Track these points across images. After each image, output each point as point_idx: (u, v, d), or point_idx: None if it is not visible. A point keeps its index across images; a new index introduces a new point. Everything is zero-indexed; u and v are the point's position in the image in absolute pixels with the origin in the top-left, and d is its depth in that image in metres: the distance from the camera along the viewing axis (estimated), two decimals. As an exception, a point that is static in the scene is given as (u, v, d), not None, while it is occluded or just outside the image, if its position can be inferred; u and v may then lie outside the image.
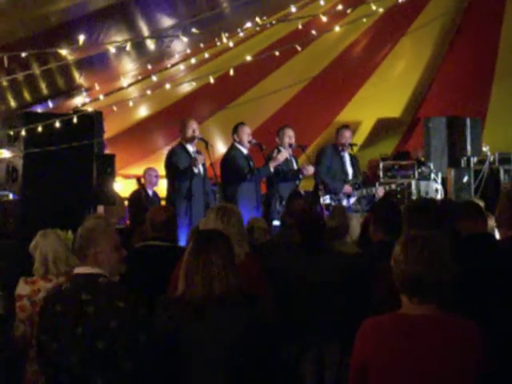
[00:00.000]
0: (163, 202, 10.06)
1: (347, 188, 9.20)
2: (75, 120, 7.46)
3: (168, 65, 9.81)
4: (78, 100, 9.70)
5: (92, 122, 7.90)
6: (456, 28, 11.91)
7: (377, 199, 9.12)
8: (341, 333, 4.98)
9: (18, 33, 7.76)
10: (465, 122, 10.16)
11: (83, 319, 3.51)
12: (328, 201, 8.86)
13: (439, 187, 9.79)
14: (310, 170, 9.09)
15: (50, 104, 9.10)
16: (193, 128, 8.73)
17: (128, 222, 10.45)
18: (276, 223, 8.39)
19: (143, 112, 11.48)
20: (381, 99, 12.40)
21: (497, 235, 4.85)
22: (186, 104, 11.15)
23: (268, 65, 10.27)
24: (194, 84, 9.96)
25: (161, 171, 10.03)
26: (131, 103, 9.06)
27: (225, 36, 7.83)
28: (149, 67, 9.39)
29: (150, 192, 10.69)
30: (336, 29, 8.44)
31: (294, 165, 9.29)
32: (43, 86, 8.89)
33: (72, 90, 9.33)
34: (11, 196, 7.74)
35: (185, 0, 8.50)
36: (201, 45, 8.90)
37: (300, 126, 10.20)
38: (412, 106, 12.90)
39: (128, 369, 3.46)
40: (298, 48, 8.58)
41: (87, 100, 9.73)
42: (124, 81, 9.55)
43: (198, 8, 8.26)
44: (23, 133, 7.35)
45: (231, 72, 7.82)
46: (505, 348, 3.44)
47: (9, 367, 3.15)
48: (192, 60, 8.87)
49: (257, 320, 3.48)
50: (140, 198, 10.47)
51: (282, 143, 9.17)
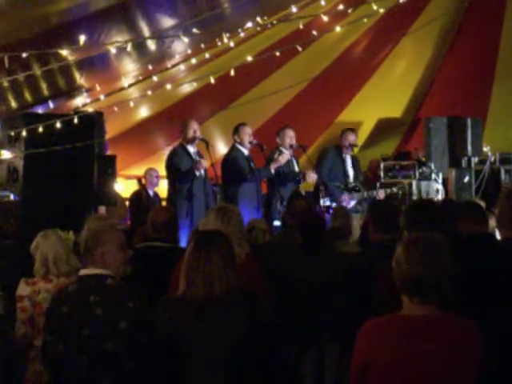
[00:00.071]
0: (164, 203, 10.06)
1: (345, 197, 9.16)
2: (76, 121, 7.46)
3: (169, 65, 9.81)
4: (79, 100, 9.70)
5: (93, 123, 7.89)
6: (456, 28, 11.90)
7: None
8: (341, 333, 4.99)
9: (19, 33, 7.76)
10: (465, 122, 10.17)
11: (91, 320, 3.52)
12: (328, 203, 8.85)
13: (440, 187, 9.79)
14: (313, 177, 9.08)
15: (51, 104, 9.10)
16: (194, 128, 8.72)
17: (129, 223, 10.44)
18: (277, 223, 8.38)
19: (144, 112, 11.47)
20: (381, 99, 12.39)
21: (497, 235, 4.85)
22: (187, 104, 11.14)
23: (269, 65, 10.25)
24: (195, 84, 9.95)
25: (162, 172, 10.02)
26: (132, 104, 9.06)
27: (225, 36, 7.84)
28: (149, 68, 9.38)
29: (151, 192, 10.68)
30: (337, 29, 8.44)
31: (295, 165, 9.27)
32: (44, 87, 8.89)
33: (73, 91, 9.33)
34: (12, 196, 7.73)
35: (185, 0, 8.50)
36: (201, 45, 8.91)
37: (301, 127, 10.19)
38: (413, 106, 12.88)
39: (130, 369, 3.47)
40: (299, 48, 8.58)
41: (88, 100, 9.73)
42: (125, 81, 9.55)
43: (199, 8, 8.26)
44: (24, 133, 7.35)
45: (232, 72, 7.83)
46: (505, 348, 3.43)
47: (9, 367, 3.15)
48: (193, 60, 8.87)
49: (257, 320, 3.48)
50: (141, 199, 10.47)
51: (283, 144, 9.15)
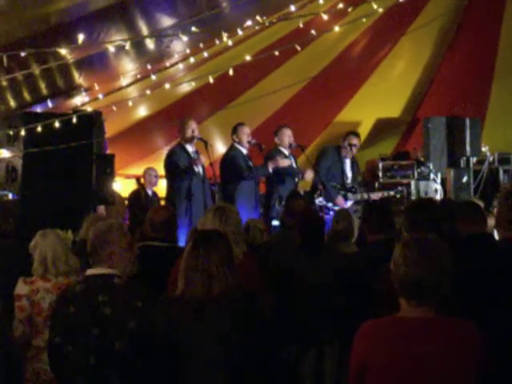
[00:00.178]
0: (163, 202, 10.06)
1: (339, 200, 9.14)
2: (75, 120, 7.45)
3: (167, 64, 9.80)
4: (78, 100, 9.69)
5: (91, 122, 7.89)
6: (455, 28, 11.90)
7: None
8: (341, 333, 4.98)
9: (18, 32, 7.75)
10: (464, 122, 10.16)
11: (100, 320, 3.51)
12: (324, 202, 8.84)
13: (439, 187, 9.78)
14: (309, 176, 9.08)
15: (50, 104, 9.08)
16: (192, 128, 8.72)
17: (128, 222, 10.43)
18: (275, 223, 8.38)
19: (143, 112, 11.46)
20: (380, 99, 12.39)
21: (496, 235, 4.86)
22: (186, 104, 11.13)
23: (268, 64, 10.24)
24: (194, 84, 9.95)
25: (160, 171, 10.02)
26: (131, 103, 9.05)
27: (224, 35, 7.82)
28: (148, 67, 9.37)
29: (150, 192, 10.68)
30: (336, 29, 8.43)
31: (294, 164, 9.27)
32: (43, 86, 8.87)
33: (71, 90, 9.31)
34: (11, 196, 7.72)
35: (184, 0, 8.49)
36: (200, 44, 8.89)
37: (299, 126, 10.20)
38: (411, 106, 12.88)
39: (138, 368, 3.47)
40: (298, 48, 8.58)
41: (87, 100, 9.72)
42: (123, 81, 9.54)
43: (198, 7, 8.24)
44: (23, 132, 7.35)
45: (231, 72, 7.81)
46: (505, 348, 3.44)
47: (9, 367, 3.14)
48: (191, 60, 8.86)
49: (256, 319, 3.48)
50: (139, 198, 10.47)
51: (282, 143, 9.15)
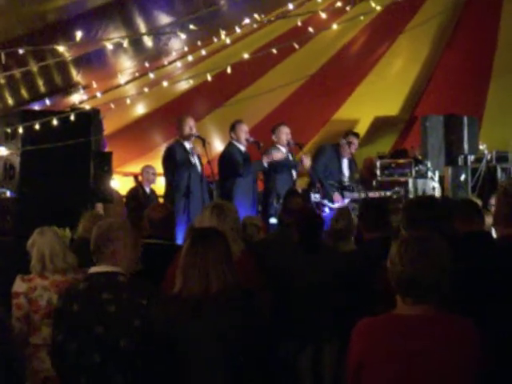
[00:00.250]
0: (161, 200, 10.05)
1: (336, 196, 9.13)
2: (72, 118, 7.44)
3: (165, 62, 9.79)
4: (76, 97, 9.68)
5: (89, 120, 7.87)
6: (453, 26, 11.90)
7: None
8: (340, 331, 4.98)
9: (16, 30, 7.74)
10: (462, 121, 10.17)
11: (104, 318, 3.50)
12: (319, 199, 8.83)
13: (436, 185, 9.78)
14: (307, 162, 9.07)
15: (48, 101, 9.07)
16: (190, 125, 8.72)
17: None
18: (273, 221, 8.38)
19: (141, 110, 11.46)
20: (378, 97, 12.40)
21: (494, 233, 4.86)
22: (184, 102, 11.13)
23: (266, 62, 10.24)
24: (192, 82, 9.95)
25: (158, 169, 10.01)
26: (129, 101, 9.04)
27: (222, 33, 7.82)
28: (146, 65, 9.36)
29: (148, 189, 10.67)
30: (334, 27, 8.42)
31: (290, 157, 9.28)
32: (40, 84, 8.86)
33: (69, 88, 9.30)
34: (8, 193, 7.71)
35: (182, -3, 8.49)
36: (198, 42, 8.89)
37: (298, 124, 10.20)
38: (409, 105, 12.89)
39: (139, 366, 3.47)
40: (296, 46, 8.57)
41: (85, 97, 9.71)
42: (121, 78, 9.53)
43: (196, 5, 8.24)
44: (20, 130, 7.33)
45: (229, 70, 7.81)
46: (503, 346, 3.43)
47: (8, 367, 3.13)
48: (189, 57, 8.86)
49: (254, 317, 3.48)
50: (137, 196, 10.46)
51: (279, 141, 9.15)
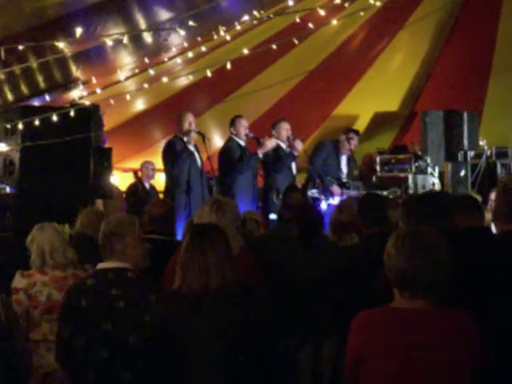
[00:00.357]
0: (160, 195, 10.06)
1: (335, 189, 9.13)
2: (72, 113, 7.45)
3: (165, 58, 9.78)
4: (75, 93, 9.67)
5: (89, 116, 7.88)
6: (453, 22, 11.89)
7: None
8: (339, 327, 4.98)
9: (15, 26, 7.73)
10: (462, 116, 10.15)
11: (114, 314, 3.50)
12: (316, 195, 8.82)
13: (436, 181, 9.77)
14: (299, 145, 9.09)
15: (47, 97, 9.07)
16: (189, 121, 8.72)
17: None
18: (273, 217, 8.38)
19: (140, 105, 11.44)
20: (378, 93, 12.38)
21: (493, 229, 4.86)
22: (183, 97, 11.12)
23: (265, 58, 10.24)
24: (191, 77, 9.94)
25: (158, 164, 10.02)
26: (128, 97, 9.04)
27: (222, 29, 7.81)
28: (146, 61, 9.35)
29: (147, 185, 10.69)
30: (333, 22, 8.41)
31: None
32: (40, 80, 8.86)
33: (69, 84, 9.29)
34: (8, 189, 7.72)
35: (182, -7, 8.48)
36: (198, 38, 8.88)
37: (297, 120, 10.20)
38: (409, 100, 12.88)
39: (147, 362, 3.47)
40: (296, 41, 8.57)
41: (84, 93, 9.70)
42: (121, 74, 9.52)
43: (195, 1, 8.23)
44: (20, 126, 7.34)
45: (228, 65, 7.81)
46: (502, 342, 3.44)
47: (8, 363, 3.14)
48: (189, 53, 8.85)
49: (254, 313, 3.48)
50: (137, 192, 10.48)
51: (279, 136, 9.16)
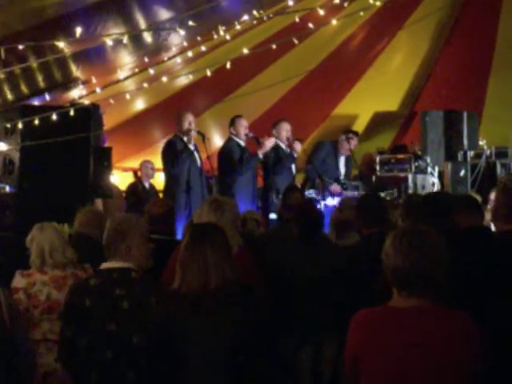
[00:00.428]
0: (160, 195, 10.06)
1: (335, 187, 9.11)
2: (72, 113, 7.45)
3: (165, 58, 9.78)
4: (75, 93, 9.67)
5: (89, 115, 7.87)
6: (453, 22, 11.89)
7: None
8: (339, 326, 4.98)
9: (15, 25, 7.73)
10: (461, 116, 10.16)
11: (117, 314, 3.50)
12: (313, 195, 8.82)
13: (436, 181, 9.78)
14: (298, 146, 9.11)
15: (47, 97, 9.07)
16: (189, 120, 8.72)
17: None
18: (273, 216, 8.39)
19: (140, 105, 11.44)
20: (378, 93, 12.39)
21: (493, 228, 4.86)
22: (183, 97, 11.12)
23: (265, 58, 10.23)
24: (191, 77, 9.94)
25: (157, 164, 10.01)
26: (128, 96, 9.04)
27: (222, 29, 7.81)
28: (146, 60, 9.36)
29: (147, 185, 10.69)
30: (333, 22, 8.41)
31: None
32: (40, 79, 8.86)
33: (69, 83, 9.29)
34: (8, 189, 7.72)
35: (182, -7, 8.48)
36: (198, 38, 8.88)
37: (297, 120, 10.19)
38: (409, 100, 12.89)
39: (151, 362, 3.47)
40: (295, 41, 8.57)
41: (84, 93, 9.70)
42: (121, 74, 9.53)
43: (195, 1, 8.23)
44: (20, 125, 7.34)
45: (228, 65, 7.81)
46: (502, 342, 3.44)
47: (9, 367, 3.13)
48: (189, 53, 8.85)
49: (253, 312, 3.48)
50: (136, 191, 10.48)
51: (279, 136, 9.17)
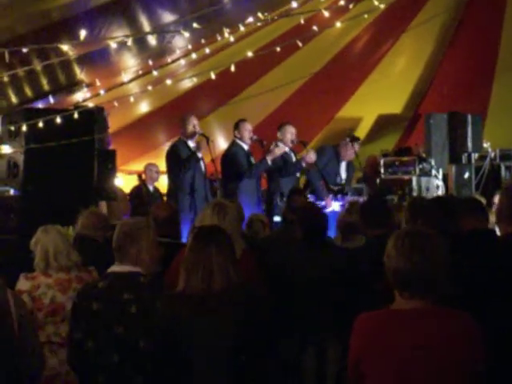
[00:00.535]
0: (164, 198, 10.06)
1: (328, 201, 9.01)
2: (76, 116, 7.45)
3: (169, 60, 9.80)
4: (79, 95, 9.69)
5: (93, 118, 7.88)
6: (457, 24, 11.89)
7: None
8: (340, 326, 4.97)
9: (19, 28, 7.75)
10: (466, 118, 10.16)
11: (125, 318, 3.50)
12: (312, 199, 8.80)
13: (440, 183, 9.77)
14: (312, 157, 9.01)
15: (51, 99, 9.09)
16: (193, 123, 8.73)
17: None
18: (277, 219, 8.39)
19: (144, 108, 11.47)
20: (382, 95, 12.40)
21: (497, 231, 4.86)
22: (187, 100, 11.14)
23: (269, 60, 10.25)
24: (195, 80, 9.95)
25: (162, 167, 10.02)
26: (132, 99, 9.05)
27: (226, 31, 7.82)
28: (150, 63, 9.37)
29: (151, 188, 10.69)
30: (337, 25, 8.42)
31: (293, 159, 9.29)
32: (44, 82, 8.88)
33: (73, 86, 9.32)
34: (12, 192, 7.73)
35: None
36: (202, 40, 8.90)
37: (301, 122, 10.19)
38: (413, 102, 12.89)
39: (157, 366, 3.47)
40: (299, 44, 8.57)
41: (88, 95, 9.72)
42: (125, 76, 9.54)
43: (200, 3, 8.24)
44: (24, 128, 7.34)
45: (232, 68, 7.82)
46: (505, 343, 3.44)
47: (18, 366, 3.14)
48: (193, 56, 8.87)
49: (255, 313, 3.48)
50: (141, 194, 10.48)
51: (284, 139, 9.16)
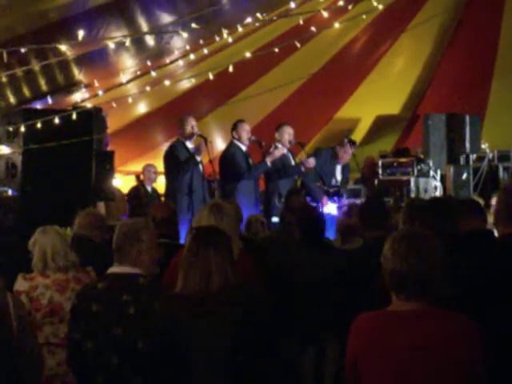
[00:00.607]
0: (162, 199, 10.06)
1: (323, 201, 9.04)
2: (74, 116, 7.46)
3: (167, 61, 9.79)
4: (78, 96, 9.69)
5: (91, 118, 7.88)
6: (455, 25, 11.90)
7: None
8: (340, 326, 4.97)
9: (18, 29, 7.75)
10: (464, 119, 10.16)
11: (124, 319, 3.50)
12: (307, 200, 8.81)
13: (438, 184, 9.77)
14: (312, 163, 9.05)
15: (50, 100, 9.09)
16: (191, 124, 8.73)
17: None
18: (275, 220, 8.39)
19: (142, 108, 11.46)
20: (380, 96, 12.40)
21: (495, 232, 4.86)
22: (186, 100, 11.13)
23: (267, 61, 10.25)
24: (194, 80, 9.95)
25: (160, 168, 10.02)
26: (130, 99, 9.05)
27: (224, 32, 7.82)
28: (148, 63, 9.37)
29: (149, 188, 10.68)
30: (335, 25, 8.42)
31: (291, 161, 9.29)
32: (42, 82, 8.88)
33: (71, 86, 9.31)
34: (10, 192, 7.73)
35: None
36: (200, 41, 8.89)
37: (299, 123, 10.20)
38: (411, 103, 12.89)
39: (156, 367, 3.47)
40: (298, 45, 8.57)
41: (86, 96, 9.72)
42: (123, 77, 9.54)
43: (198, 4, 8.24)
44: (22, 129, 7.35)
45: (231, 68, 7.82)
46: (504, 344, 3.44)
47: (16, 367, 3.13)
48: (191, 56, 8.87)
49: (254, 313, 3.48)
50: (139, 195, 10.46)
51: (282, 140, 9.17)
